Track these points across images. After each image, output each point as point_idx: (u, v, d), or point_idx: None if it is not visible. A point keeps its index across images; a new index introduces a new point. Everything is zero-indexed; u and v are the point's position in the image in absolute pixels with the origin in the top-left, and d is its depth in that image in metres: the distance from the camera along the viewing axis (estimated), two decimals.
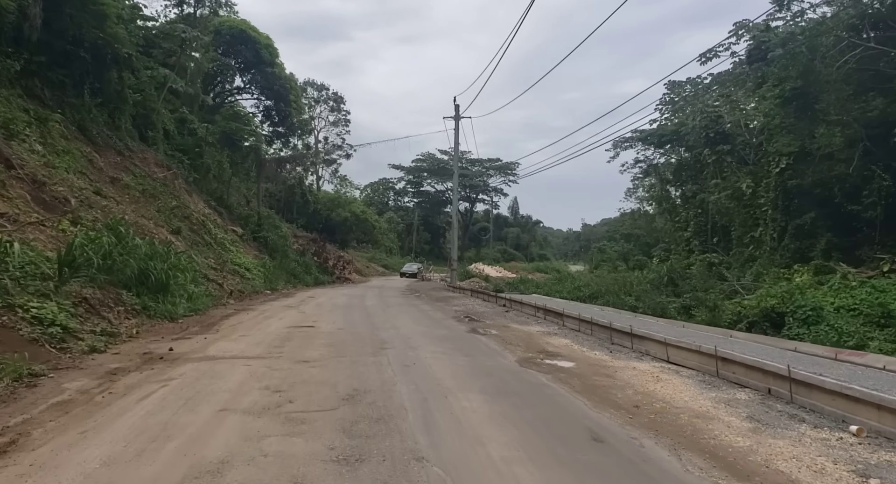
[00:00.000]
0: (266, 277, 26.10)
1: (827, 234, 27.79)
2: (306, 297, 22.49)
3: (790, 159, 31.79)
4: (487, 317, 15.89)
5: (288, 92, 43.10)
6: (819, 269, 25.81)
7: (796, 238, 30.96)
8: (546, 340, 11.22)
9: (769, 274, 28.15)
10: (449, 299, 23.13)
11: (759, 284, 26.79)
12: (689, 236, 46.94)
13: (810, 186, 30.22)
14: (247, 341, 10.30)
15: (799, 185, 30.62)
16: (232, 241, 28.84)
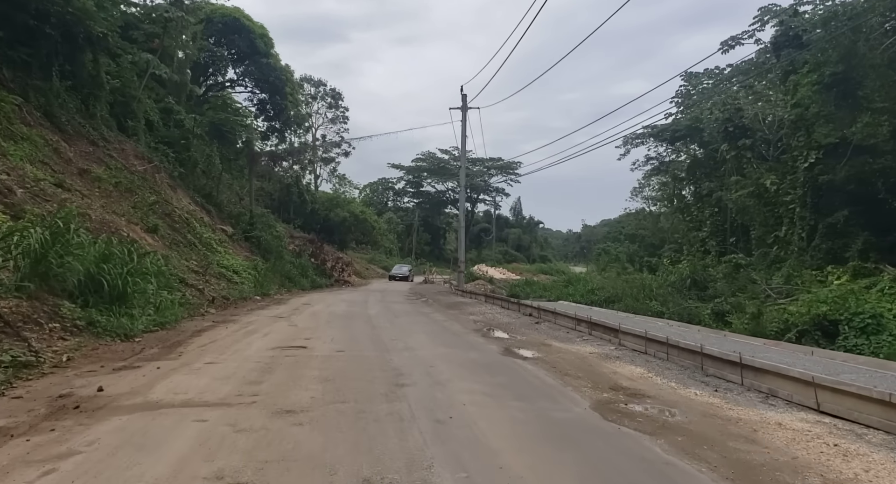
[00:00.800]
0: (257, 281, 23.24)
1: (863, 234, 25.07)
2: (301, 304, 19.62)
3: (819, 153, 29.07)
4: (516, 330, 13.05)
5: (284, 84, 40.28)
6: (858, 271, 23.06)
7: (828, 238, 28.24)
8: (611, 369, 8.38)
9: (801, 276, 25.58)
10: (461, 306, 20.27)
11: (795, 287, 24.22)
12: (705, 237, 44.11)
13: (843, 182, 27.49)
14: (213, 372, 7.46)
15: (831, 181, 27.87)
16: (220, 241, 25.99)
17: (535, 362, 8.74)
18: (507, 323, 14.37)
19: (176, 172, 27.24)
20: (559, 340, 11.29)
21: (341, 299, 22.53)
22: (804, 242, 29.42)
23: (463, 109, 30.27)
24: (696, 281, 30.73)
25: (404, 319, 15.09)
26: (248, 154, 31.17)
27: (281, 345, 9.89)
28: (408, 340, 10.77)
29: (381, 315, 16.13)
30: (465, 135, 30.41)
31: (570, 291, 36.79)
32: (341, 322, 13.86)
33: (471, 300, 23.42)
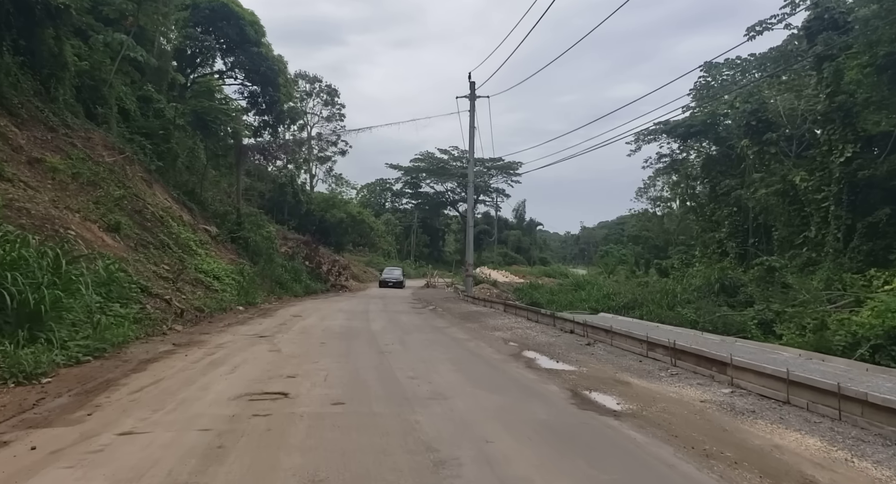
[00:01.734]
0: (241, 288, 20.02)
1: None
2: (290, 315, 16.38)
3: (857, 146, 26.09)
4: (566, 356, 9.85)
5: (276, 75, 36.97)
6: None
7: (868, 238, 25.21)
8: (764, 438, 5.19)
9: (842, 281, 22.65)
10: (479, 317, 17.06)
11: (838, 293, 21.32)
12: (723, 237, 40.92)
13: (885, 178, 24.53)
14: (118, 463, 4.24)
15: (871, 177, 24.89)
16: (201, 242, 22.74)
17: (638, 424, 5.56)
18: (547, 344, 11.17)
19: (153, 166, 23.98)
20: (636, 375, 8.11)
21: (338, 309, 19.31)
22: (840, 243, 26.43)
23: (471, 98, 27.16)
24: (724, 286, 27.67)
25: (417, 338, 11.89)
26: (235, 147, 27.95)
27: (252, 390, 6.67)
28: (432, 378, 7.57)
29: (387, 331, 12.93)
30: (474, 126, 27.34)
31: (581, 295, 33.70)
32: (339, 344, 10.66)
33: (487, 309, 20.20)
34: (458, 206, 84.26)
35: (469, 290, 27.49)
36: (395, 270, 45.36)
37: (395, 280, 41.04)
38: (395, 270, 46.01)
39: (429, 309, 20.69)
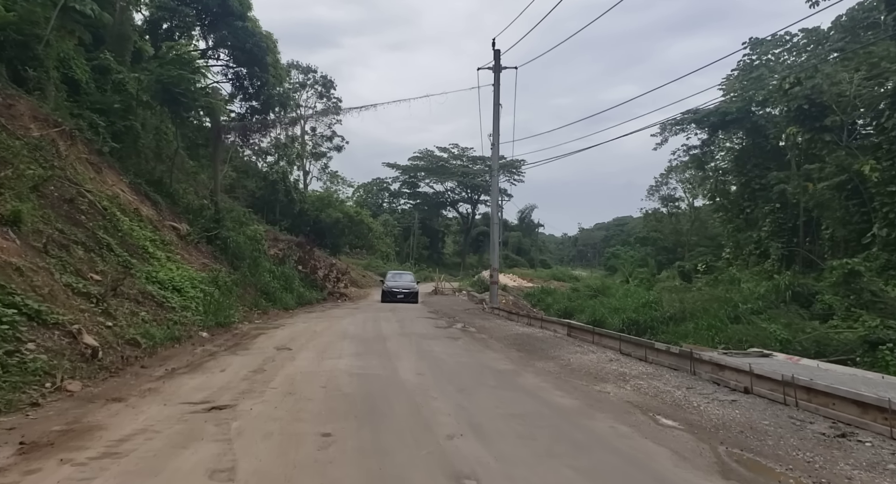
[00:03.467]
0: (212, 303, 14.53)
1: None
2: (273, 349, 10.77)
3: None
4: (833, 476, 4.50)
5: (265, 53, 31.43)
6: None
7: None
8: None
9: None
10: (542, 348, 11.54)
11: None
12: (765, 237, 35.46)
13: None
14: None
15: None
16: (164, 242, 17.26)
17: None
18: (746, 428, 5.81)
19: (106, 147, 18.48)
20: None
21: (342, 332, 13.82)
22: None
23: (495, 69, 21.91)
24: (797, 294, 22.49)
25: (488, 405, 6.45)
26: (212, 127, 22.47)
27: None
28: None
29: (429, 387, 7.46)
30: (498, 102, 22.07)
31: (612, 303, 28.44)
32: (357, 434, 5.28)
33: (535, 330, 14.71)
34: (458, 206, 78.99)
35: (495, 300, 22.15)
36: (404, 276, 31.30)
37: (405, 291, 27.55)
38: (404, 275, 31.75)
39: (458, 328, 15.31)
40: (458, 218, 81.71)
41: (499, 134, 22.15)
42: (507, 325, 16.20)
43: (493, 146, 22.15)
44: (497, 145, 22.11)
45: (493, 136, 22.20)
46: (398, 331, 14.20)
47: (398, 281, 29.35)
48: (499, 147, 22.12)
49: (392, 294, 27.29)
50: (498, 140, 22.13)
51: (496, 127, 22.02)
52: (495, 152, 22.06)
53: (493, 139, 22.19)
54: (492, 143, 22.30)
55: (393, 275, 31.48)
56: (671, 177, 61.06)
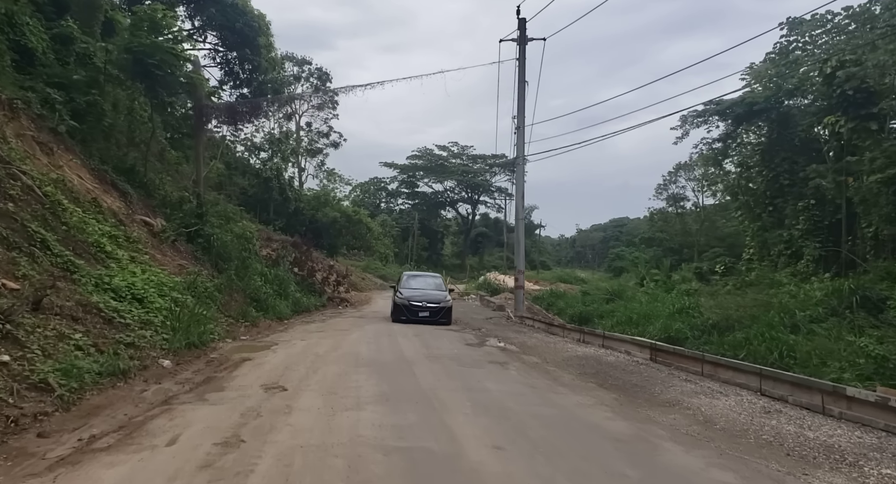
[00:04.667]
0: (184, 317, 11.04)
1: None
2: (260, 389, 7.15)
3: None
4: None
5: (257, 34, 28.07)
6: None
7: None
8: None
9: None
10: (646, 383, 8.10)
11: None
12: (798, 235, 32.02)
13: None
14: None
15: None
16: (130, 240, 13.78)
17: None
18: None
19: (62, 126, 15.00)
20: None
21: (352, 353, 10.35)
22: None
23: (520, 41, 18.62)
24: (866, 299, 19.11)
25: None
26: (194, 107, 19.00)
27: None
28: None
29: (525, 468, 4.17)
30: (524, 79, 18.78)
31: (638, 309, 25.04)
32: None
33: (604, 353, 11.20)
34: (457, 206, 75.62)
35: (521, 307, 18.78)
36: (427, 280, 20.92)
37: (433, 305, 18.08)
38: (426, 279, 21.25)
39: (495, 345, 11.93)
40: (457, 218, 78.35)
41: (524, 115, 18.89)
42: (552, 341, 12.82)
43: (518, 129, 18.85)
44: (522, 128, 18.81)
45: (518, 117, 18.92)
46: (423, 351, 10.79)
47: (420, 288, 19.03)
48: (524, 130, 18.83)
49: (411, 310, 17.58)
50: (523, 121, 18.84)
51: (521, 107, 18.76)
52: (520, 136, 18.77)
53: (518, 121, 18.90)
54: (516, 125, 19.00)
55: (410, 278, 20.34)
56: (680, 174, 58.09)
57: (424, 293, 18.44)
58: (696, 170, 56.06)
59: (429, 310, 17.49)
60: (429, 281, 20.32)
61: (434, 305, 17.73)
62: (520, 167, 18.54)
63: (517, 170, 18.67)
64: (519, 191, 18.48)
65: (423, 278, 20.80)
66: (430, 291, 18.69)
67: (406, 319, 17.25)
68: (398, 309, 17.89)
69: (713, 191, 51.28)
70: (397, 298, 18.20)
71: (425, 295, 18.27)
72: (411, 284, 19.21)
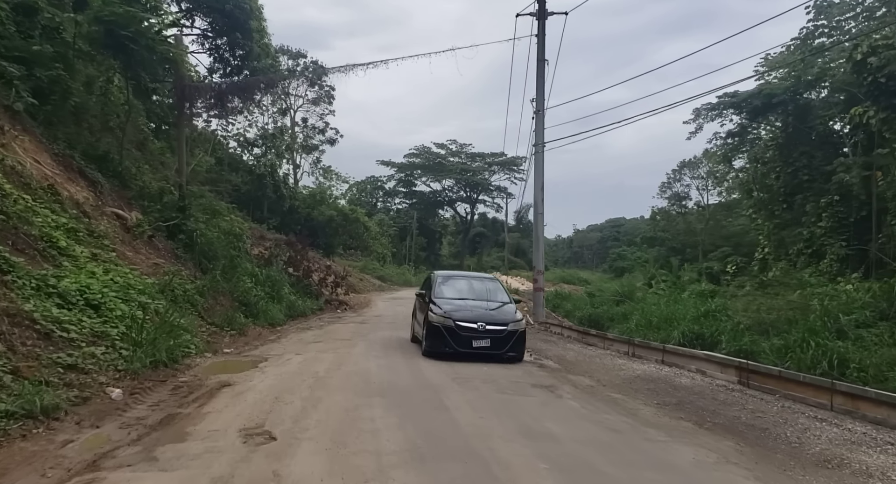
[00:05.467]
0: (150, 327, 8.85)
1: None
2: (238, 434, 5.02)
3: None
4: None
5: (248, 17, 25.73)
6: None
7: None
8: None
9: None
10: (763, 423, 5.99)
11: None
12: (821, 234, 29.87)
13: None
14: None
15: None
16: (95, 234, 11.54)
17: None
18: None
19: (19, 104, 12.74)
20: None
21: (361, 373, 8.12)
22: None
23: (539, 15, 16.51)
24: None
25: None
26: (175, 85, 16.76)
27: None
28: None
29: None
30: (543, 58, 16.69)
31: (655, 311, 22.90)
32: None
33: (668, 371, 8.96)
34: (456, 205, 73.46)
35: (541, 312, 16.68)
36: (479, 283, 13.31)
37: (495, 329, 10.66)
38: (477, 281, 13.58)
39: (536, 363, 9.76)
40: (455, 218, 76.19)
41: (543, 98, 16.80)
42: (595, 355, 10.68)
43: (537, 112, 16.76)
44: (542, 111, 16.72)
45: (537, 100, 16.85)
46: (448, 372, 8.61)
47: (468, 299, 11.92)
48: (543, 113, 16.73)
49: (459, 336, 10.56)
50: (543, 104, 16.76)
51: (540, 88, 16.66)
52: (539, 120, 16.68)
53: (537, 104, 16.84)
54: (535, 109, 16.93)
55: (448, 281, 12.98)
56: (684, 172, 56.17)
57: (478, 308, 11.15)
58: (701, 167, 54.22)
59: (489, 337, 10.31)
60: (480, 286, 12.63)
61: (498, 327, 10.47)
62: (539, 154, 16.46)
63: (536, 157, 16.62)
64: (539, 181, 16.42)
65: (470, 282, 13.12)
66: (488, 305, 11.42)
67: (452, 350, 10.28)
68: (435, 334, 10.56)
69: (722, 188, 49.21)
70: (432, 316, 10.74)
71: (481, 311, 10.95)
72: (452, 292, 11.95)
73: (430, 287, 12.28)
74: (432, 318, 10.73)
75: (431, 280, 12.81)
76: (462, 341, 10.36)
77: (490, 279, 13.92)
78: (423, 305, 11.63)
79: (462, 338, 10.36)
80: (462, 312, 10.78)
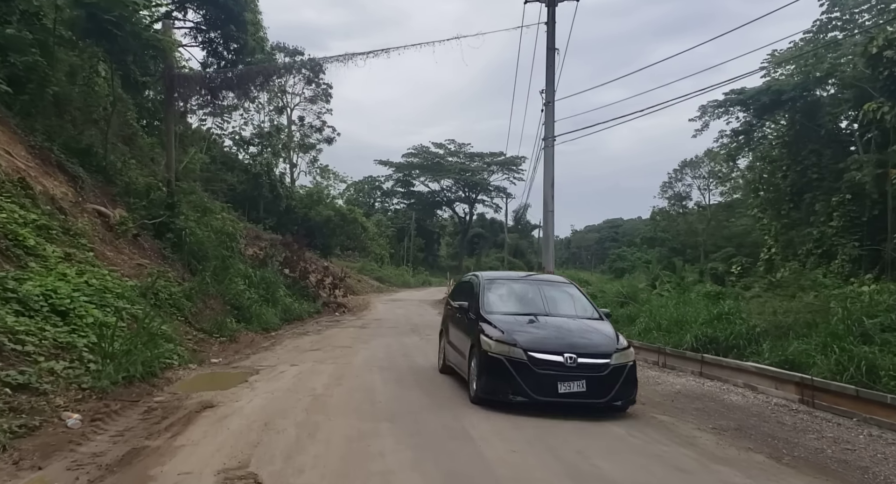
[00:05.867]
0: (123, 338, 7.77)
1: None
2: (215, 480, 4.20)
3: None
4: None
5: (242, 9, 24.69)
6: None
7: None
8: None
9: None
10: None
11: None
12: (832, 234, 28.87)
13: None
14: None
15: None
16: (70, 233, 10.43)
17: None
18: None
19: None
20: None
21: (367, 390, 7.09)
22: None
23: (549, 2, 15.51)
24: None
25: None
26: (164, 74, 15.66)
27: None
28: None
29: None
30: (553, 46, 15.65)
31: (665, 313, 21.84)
32: None
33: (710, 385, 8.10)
34: (454, 206, 72.38)
35: None
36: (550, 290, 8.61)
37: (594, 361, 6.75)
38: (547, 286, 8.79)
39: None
40: (453, 218, 75.13)
41: (553, 88, 15.77)
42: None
43: (547, 104, 15.72)
44: (552, 103, 15.70)
45: (546, 90, 15.79)
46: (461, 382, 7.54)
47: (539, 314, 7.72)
48: (553, 105, 15.72)
49: (535, 375, 6.70)
50: (553, 96, 15.74)
51: (550, 78, 15.64)
52: (549, 111, 15.66)
53: (546, 95, 15.78)
54: (544, 100, 15.86)
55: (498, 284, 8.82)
56: (686, 172, 55.26)
57: (558, 328, 7.43)
58: (702, 167, 53.34)
59: (584, 376, 6.74)
60: (550, 293, 8.54)
61: (595, 360, 6.86)
62: (549, 148, 15.44)
63: (545, 151, 15.60)
64: (548, 176, 15.39)
65: (533, 287, 8.79)
66: (569, 324, 7.67)
67: (526, 399, 6.68)
68: (495, 372, 6.88)
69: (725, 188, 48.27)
70: (487, 341, 7.08)
71: (564, 334, 7.29)
72: (509, 303, 8.18)
73: (471, 295, 8.36)
74: (487, 344, 6.88)
75: (474, 285, 8.70)
76: (541, 384, 6.53)
77: (563, 283, 9.30)
78: (465, 323, 7.96)
79: (540, 379, 6.53)
80: (535, 337, 6.90)
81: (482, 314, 7.57)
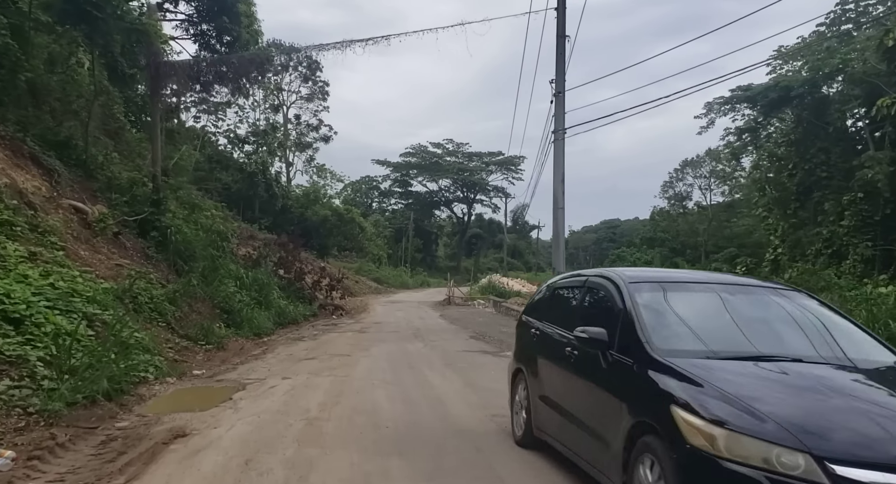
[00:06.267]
0: (87, 350, 6.69)
1: None
2: None
3: None
4: None
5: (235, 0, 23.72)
6: None
7: None
8: None
9: None
10: None
11: None
12: (844, 233, 27.97)
13: None
14: None
15: None
16: (40, 230, 9.30)
17: None
18: None
19: None
20: None
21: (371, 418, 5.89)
22: None
23: None
24: None
25: None
26: (147, 64, 14.55)
27: None
28: None
29: None
30: (563, 33, 14.64)
31: None
32: None
33: None
34: (452, 206, 71.37)
35: None
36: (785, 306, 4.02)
37: None
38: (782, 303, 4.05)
39: None
40: (451, 218, 74.13)
41: (564, 78, 14.74)
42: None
43: (557, 94, 14.69)
44: (563, 93, 14.69)
45: (556, 80, 14.77)
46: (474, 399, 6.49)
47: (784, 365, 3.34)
48: (564, 95, 14.71)
49: None
50: (563, 86, 14.72)
51: (560, 68, 14.61)
52: (559, 103, 14.63)
53: (557, 85, 14.76)
54: (554, 90, 14.83)
55: (660, 293, 4.14)
56: (687, 172, 54.34)
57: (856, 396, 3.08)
58: (703, 166, 52.49)
59: None
60: (778, 313, 4.03)
61: None
62: (559, 141, 14.42)
63: (556, 144, 14.57)
64: (559, 171, 14.36)
65: (748, 302, 4.23)
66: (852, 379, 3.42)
67: None
68: None
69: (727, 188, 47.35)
70: (709, 432, 2.78)
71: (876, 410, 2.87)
72: (717, 339, 3.72)
73: (607, 314, 4.17)
74: (707, 436, 2.80)
75: (612, 295, 4.28)
76: None
77: (782, 290, 4.59)
78: (595, 370, 3.95)
79: None
80: (832, 421, 2.81)
81: (656, 358, 3.45)
